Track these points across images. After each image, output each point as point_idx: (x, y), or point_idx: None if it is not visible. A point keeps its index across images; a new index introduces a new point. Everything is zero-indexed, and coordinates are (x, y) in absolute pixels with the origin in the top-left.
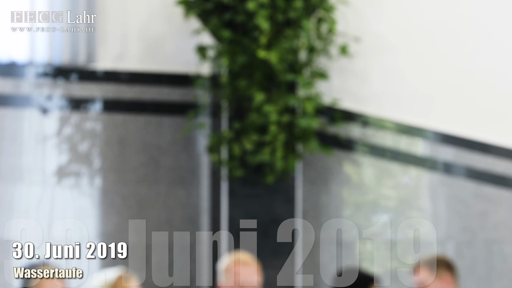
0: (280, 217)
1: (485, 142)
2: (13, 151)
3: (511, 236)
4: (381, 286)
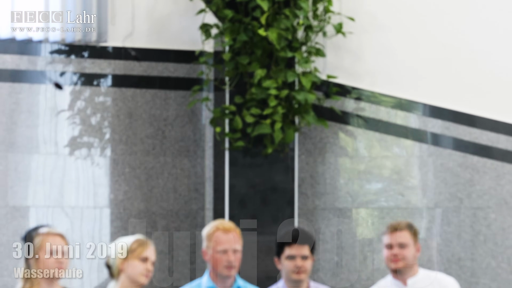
0: (279, 185)
1: (471, 115)
2: (28, 123)
3: (495, 203)
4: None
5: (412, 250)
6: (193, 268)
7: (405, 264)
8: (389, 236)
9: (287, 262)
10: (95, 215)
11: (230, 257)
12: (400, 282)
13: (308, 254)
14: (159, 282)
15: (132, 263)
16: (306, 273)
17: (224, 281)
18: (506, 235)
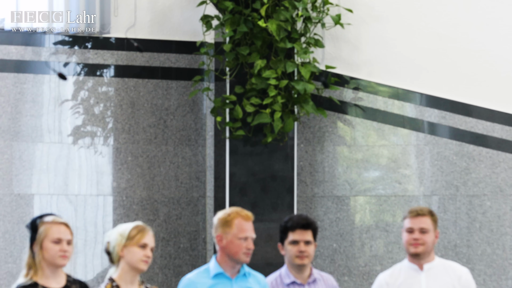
0: (278, 174)
1: (467, 104)
2: (33, 113)
3: (490, 191)
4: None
5: (432, 235)
6: (194, 255)
7: (424, 249)
8: (411, 220)
9: (291, 247)
10: (98, 202)
11: (250, 244)
12: (417, 266)
13: (311, 239)
14: (161, 269)
15: (131, 249)
16: (309, 258)
17: (235, 267)
18: (501, 222)
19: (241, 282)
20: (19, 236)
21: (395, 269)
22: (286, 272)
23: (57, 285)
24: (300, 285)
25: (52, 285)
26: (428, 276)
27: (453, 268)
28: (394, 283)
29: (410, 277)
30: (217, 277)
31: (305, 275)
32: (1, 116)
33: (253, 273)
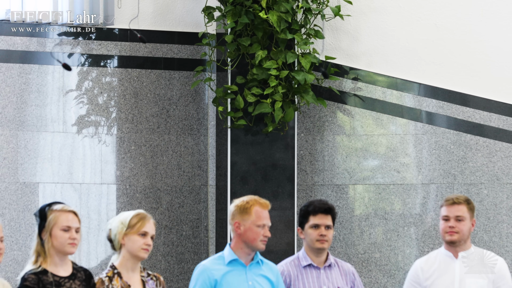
0: (279, 162)
1: (464, 94)
2: (38, 103)
3: (487, 179)
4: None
5: (468, 224)
6: (196, 242)
7: (459, 237)
8: (447, 208)
9: (312, 231)
10: (102, 191)
11: (267, 232)
12: (452, 254)
13: (331, 224)
14: (164, 256)
15: (132, 238)
16: (329, 242)
17: (250, 254)
18: (498, 210)
19: (255, 269)
20: (24, 224)
21: (431, 256)
22: (304, 255)
23: (64, 273)
24: (317, 268)
25: (60, 273)
26: (462, 264)
27: (488, 257)
28: (428, 269)
29: (444, 264)
30: (232, 263)
31: (322, 259)
32: (7, 106)
33: (266, 261)
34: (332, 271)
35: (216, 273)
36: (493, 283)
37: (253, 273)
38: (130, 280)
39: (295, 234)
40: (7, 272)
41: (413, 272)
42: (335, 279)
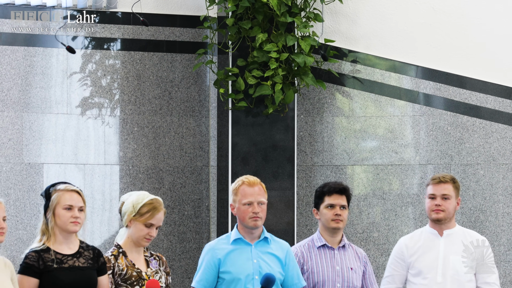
0: (279, 143)
1: (461, 76)
2: (42, 85)
3: (484, 160)
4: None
5: (453, 202)
6: (198, 222)
7: (445, 215)
8: (433, 187)
9: (327, 211)
10: (105, 171)
11: (255, 208)
12: (437, 232)
13: (346, 204)
14: (166, 235)
15: (137, 225)
16: (344, 222)
17: (252, 232)
18: (494, 190)
19: (261, 247)
20: (29, 204)
21: (415, 233)
22: (318, 236)
23: (69, 251)
24: (331, 249)
25: (64, 251)
26: (447, 242)
27: (472, 236)
28: (413, 246)
29: (429, 241)
30: (237, 242)
31: (337, 240)
32: (12, 88)
33: (276, 240)
34: (346, 252)
35: (219, 252)
36: (476, 261)
37: (259, 251)
38: (135, 259)
39: (295, 214)
40: (12, 251)
41: (398, 249)
42: (349, 260)
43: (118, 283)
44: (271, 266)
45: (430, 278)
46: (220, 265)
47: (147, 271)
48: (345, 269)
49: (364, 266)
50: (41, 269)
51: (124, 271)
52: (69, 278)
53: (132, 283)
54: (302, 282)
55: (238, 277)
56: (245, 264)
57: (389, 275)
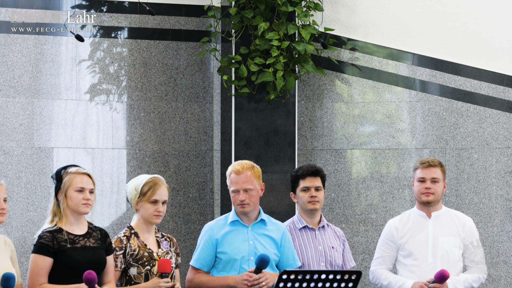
0: (280, 128)
1: (456, 63)
2: (52, 72)
3: (477, 144)
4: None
5: (441, 185)
6: (202, 204)
7: (435, 197)
8: (422, 171)
9: (302, 194)
10: (113, 155)
11: (241, 196)
12: (425, 214)
13: (321, 185)
14: (172, 217)
15: (144, 205)
16: (320, 203)
17: (247, 216)
18: (488, 173)
19: (257, 229)
20: (40, 186)
21: (404, 215)
22: (299, 218)
23: (80, 231)
24: (312, 230)
25: (75, 231)
26: (435, 223)
27: (458, 216)
28: (403, 228)
29: (418, 223)
30: (234, 224)
31: (316, 221)
32: (23, 75)
33: (273, 221)
34: (326, 232)
35: (217, 232)
36: (464, 241)
37: (255, 233)
38: (146, 240)
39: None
40: (23, 232)
41: (388, 231)
42: (329, 239)
43: (130, 263)
44: (266, 248)
45: (420, 259)
46: (217, 245)
47: (158, 252)
48: (327, 248)
49: (342, 244)
50: (56, 249)
51: (136, 252)
52: (83, 258)
53: (144, 263)
54: (297, 262)
55: (234, 258)
56: (241, 246)
57: (379, 256)
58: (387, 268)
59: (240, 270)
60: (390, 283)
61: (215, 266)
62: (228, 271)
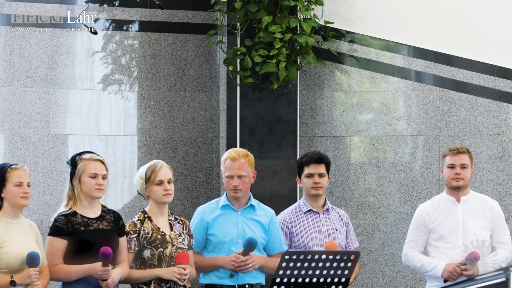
0: (283, 116)
1: (449, 55)
2: (67, 63)
3: (469, 131)
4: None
5: (470, 171)
6: (209, 188)
7: (464, 183)
8: (452, 157)
9: (307, 180)
10: (125, 142)
11: (235, 182)
12: (455, 198)
13: (324, 172)
14: (180, 200)
15: (152, 189)
16: (323, 188)
17: (238, 200)
18: (479, 159)
19: (247, 214)
20: (55, 171)
21: (434, 200)
22: (304, 202)
23: (93, 215)
24: (316, 213)
25: (89, 215)
26: (464, 207)
27: (485, 200)
28: (434, 213)
29: (448, 207)
30: (224, 208)
31: (320, 204)
32: (39, 66)
33: (263, 207)
34: (330, 215)
35: (208, 215)
36: (491, 223)
37: (244, 217)
38: (159, 223)
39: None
40: (40, 215)
41: (419, 215)
42: (333, 222)
43: (143, 245)
44: (254, 231)
45: (452, 242)
46: (208, 228)
47: (171, 234)
48: (331, 230)
49: (346, 226)
50: (70, 231)
51: (150, 234)
52: (96, 240)
53: (157, 245)
54: (283, 247)
55: (223, 240)
56: (231, 229)
57: (411, 240)
58: (419, 250)
59: (229, 252)
60: (423, 265)
61: (206, 247)
62: (218, 253)
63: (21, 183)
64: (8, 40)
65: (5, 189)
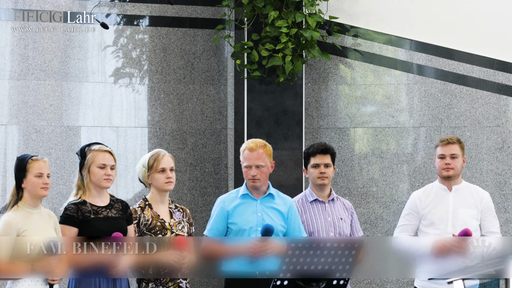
0: (289, 109)
1: (450, 48)
2: (80, 57)
3: (470, 123)
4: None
5: (460, 161)
6: (217, 178)
7: (454, 172)
8: (442, 148)
9: (313, 170)
10: (136, 133)
11: (253, 172)
12: (446, 187)
13: (330, 162)
14: (189, 190)
15: (154, 176)
16: (329, 178)
17: (256, 189)
18: (479, 149)
19: (266, 202)
20: (68, 162)
21: (427, 188)
22: (310, 192)
23: (102, 204)
24: (322, 202)
25: (98, 203)
26: (455, 196)
27: (476, 190)
28: (425, 200)
29: (440, 195)
30: (244, 197)
31: (326, 194)
32: (53, 59)
33: (281, 195)
34: (335, 205)
35: (228, 204)
36: (481, 213)
37: (264, 206)
38: (160, 211)
39: (303, 171)
40: (54, 204)
41: (412, 202)
42: (338, 211)
43: (143, 231)
44: (273, 219)
45: (441, 229)
46: (228, 217)
47: (170, 222)
48: (336, 220)
49: (351, 215)
50: (80, 219)
51: (149, 221)
52: (106, 227)
53: (156, 232)
54: (303, 234)
55: (243, 228)
56: (250, 217)
57: (402, 225)
58: (409, 236)
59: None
60: (412, 244)
61: (227, 236)
62: None
63: (41, 174)
64: (22, 34)
65: (25, 179)
